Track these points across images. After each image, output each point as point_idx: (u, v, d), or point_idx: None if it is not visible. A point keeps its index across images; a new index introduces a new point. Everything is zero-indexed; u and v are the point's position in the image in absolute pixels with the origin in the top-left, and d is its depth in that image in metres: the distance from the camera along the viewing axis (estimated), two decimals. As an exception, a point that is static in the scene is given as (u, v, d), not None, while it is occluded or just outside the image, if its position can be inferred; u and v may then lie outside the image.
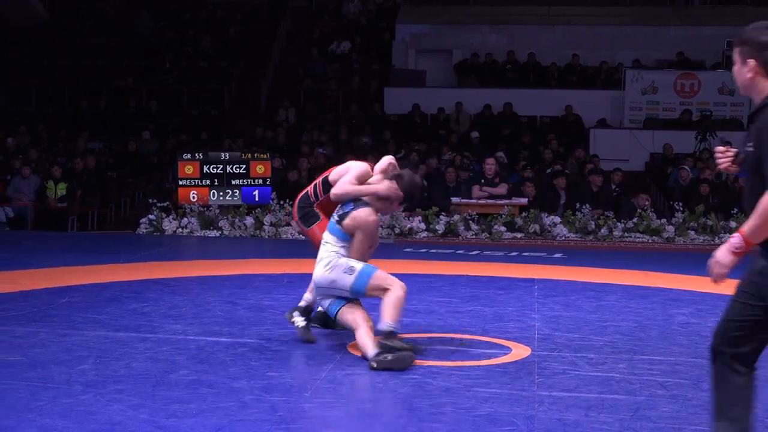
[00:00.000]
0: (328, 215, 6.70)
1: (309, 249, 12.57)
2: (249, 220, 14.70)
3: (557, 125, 21.57)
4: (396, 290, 6.15)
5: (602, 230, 14.70)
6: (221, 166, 15.16)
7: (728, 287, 4.09)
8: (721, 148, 4.26)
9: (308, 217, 6.95)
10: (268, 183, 15.36)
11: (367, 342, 6.02)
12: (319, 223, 6.88)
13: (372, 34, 25.49)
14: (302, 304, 6.92)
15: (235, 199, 15.23)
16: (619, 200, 16.02)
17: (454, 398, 5.27)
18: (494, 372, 5.95)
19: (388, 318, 6.07)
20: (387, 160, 6.73)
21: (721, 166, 4.25)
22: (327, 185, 6.81)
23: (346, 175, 6.53)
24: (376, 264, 6.39)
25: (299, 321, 6.74)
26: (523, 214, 14.99)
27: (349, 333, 6.93)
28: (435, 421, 4.81)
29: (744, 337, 3.99)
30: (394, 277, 6.27)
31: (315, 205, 6.96)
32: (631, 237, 14.69)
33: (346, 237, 6.41)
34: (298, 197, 7.13)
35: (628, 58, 23.35)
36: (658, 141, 20.30)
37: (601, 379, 5.77)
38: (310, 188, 7.05)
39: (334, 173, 6.83)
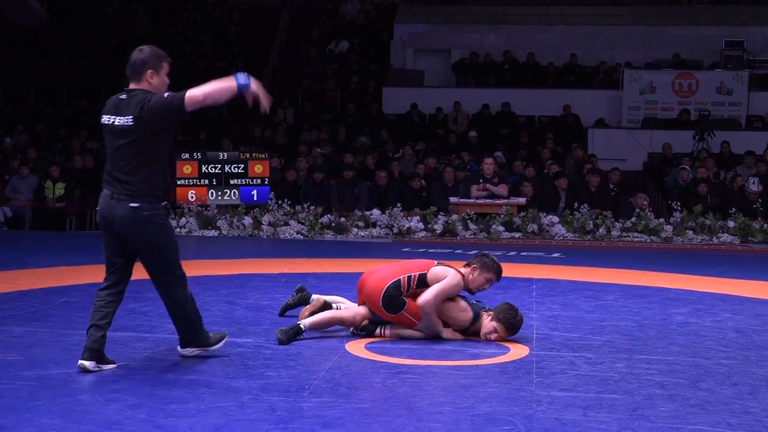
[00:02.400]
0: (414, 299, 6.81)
1: (307, 249, 12.59)
2: (247, 220, 14.70)
3: (555, 125, 21.58)
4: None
5: (600, 230, 14.71)
6: (219, 166, 15.15)
7: (726, 287, 4.09)
8: None
9: (395, 306, 6.82)
10: (266, 183, 15.37)
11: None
12: (408, 308, 6.81)
13: (370, 34, 25.50)
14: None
15: (234, 198, 15.23)
16: (618, 200, 16.04)
17: (453, 397, 5.27)
18: (493, 371, 5.95)
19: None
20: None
21: None
22: (423, 282, 6.80)
23: (438, 289, 6.73)
24: (376, 265, 6.38)
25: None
26: (522, 213, 14.99)
27: (346, 333, 6.94)
28: (433, 421, 4.82)
29: None
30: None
31: (404, 294, 6.86)
32: (629, 237, 14.70)
33: None
34: (385, 287, 6.81)
35: (627, 58, 23.37)
36: (656, 141, 20.31)
37: (599, 378, 5.77)
38: (402, 279, 6.81)
39: (432, 274, 6.81)
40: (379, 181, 16.39)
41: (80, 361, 5.66)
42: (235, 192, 15.23)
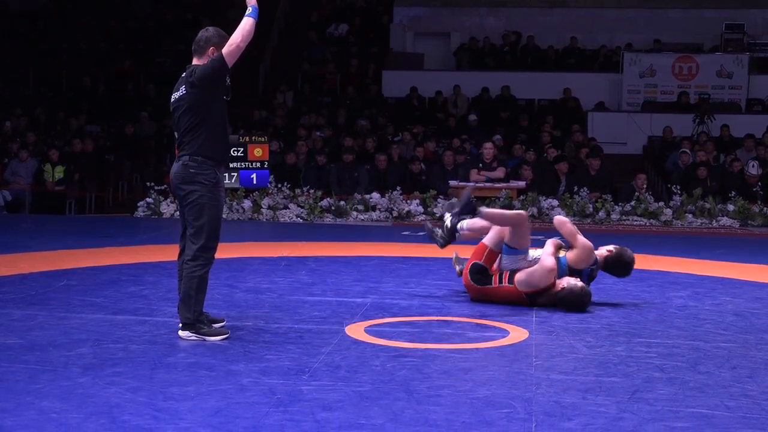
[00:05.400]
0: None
1: (307, 232, 12.60)
2: (247, 204, 14.69)
3: (555, 108, 21.56)
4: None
5: (600, 213, 14.71)
6: (219, 150, 15.11)
7: (726, 270, 4.09)
8: None
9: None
10: (265, 166, 15.33)
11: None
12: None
13: (370, 17, 25.45)
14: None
15: (233, 182, 15.17)
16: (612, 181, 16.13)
17: (452, 381, 5.28)
18: (492, 355, 5.97)
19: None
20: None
21: None
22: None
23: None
24: (375, 248, 6.40)
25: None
26: (521, 197, 14.99)
27: (346, 316, 6.96)
28: (433, 404, 4.82)
29: None
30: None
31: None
32: (629, 220, 14.70)
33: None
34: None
35: (627, 41, 23.31)
36: (656, 124, 20.29)
37: (598, 361, 5.78)
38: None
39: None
40: (379, 164, 16.38)
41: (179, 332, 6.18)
42: (234, 175, 15.19)
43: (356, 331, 6.50)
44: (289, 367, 5.49)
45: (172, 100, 6.30)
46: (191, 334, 6.13)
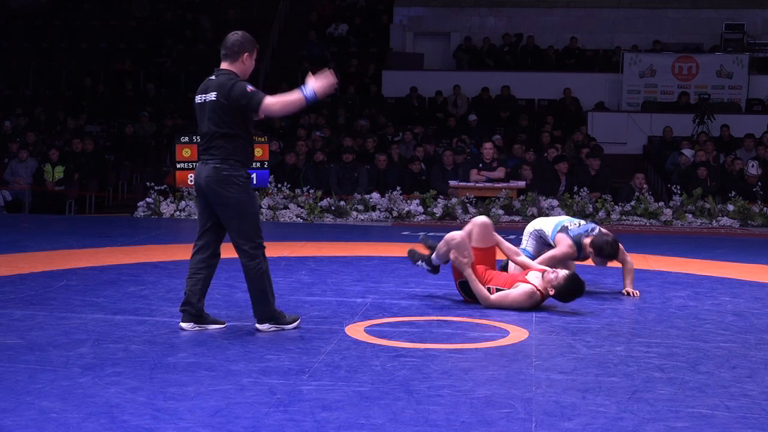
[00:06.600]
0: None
1: (307, 232, 12.59)
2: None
3: (555, 108, 21.57)
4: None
5: (600, 213, 14.71)
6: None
7: (726, 270, 4.09)
8: None
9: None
10: (265, 166, 15.34)
11: None
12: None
13: (370, 17, 25.44)
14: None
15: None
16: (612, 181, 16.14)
17: (452, 381, 5.28)
18: (492, 355, 5.96)
19: None
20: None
21: None
22: None
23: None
24: (375, 248, 6.40)
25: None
26: (521, 197, 14.99)
27: (346, 316, 6.95)
28: (433, 404, 4.82)
29: None
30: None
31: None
32: (629, 220, 14.71)
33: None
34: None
35: (627, 41, 23.32)
36: (656, 124, 20.31)
37: (598, 361, 5.78)
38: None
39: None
40: (379, 164, 16.38)
41: (180, 323, 6.39)
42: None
43: (356, 331, 6.50)
44: (289, 367, 5.48)
45: (201, 100, 6.36)
46: (271, 326, 6.38)
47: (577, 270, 8.04)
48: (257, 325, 6.41)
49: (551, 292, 7.37)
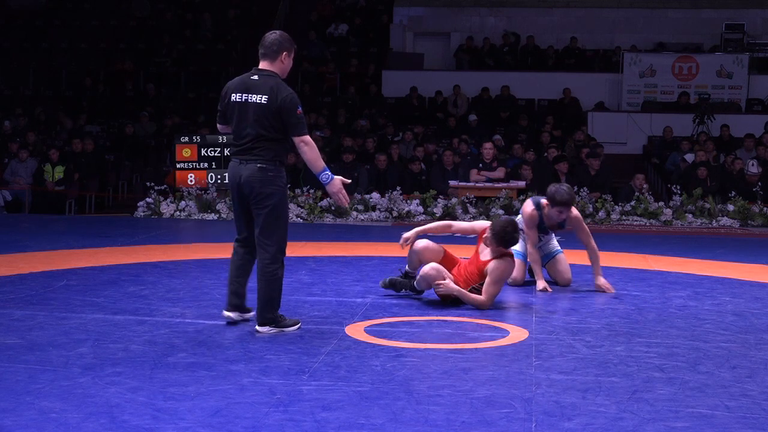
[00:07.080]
0: None
1: (307, 232, 12.60)
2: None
3: (555, 108, 21.57)
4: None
5: (600, 213, 14.71)
6: (219, 149, 15.11)
7: (726, 270, 4.08)
8: None
9: None
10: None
11: None
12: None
13: (370, 17, 25.44)
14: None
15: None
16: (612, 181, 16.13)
17: (452, 381, 5.28)
18: (492, 355, 5.97)
19: None
20: None
21: None
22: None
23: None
24: (375, 248, 6.39)
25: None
26: (521, 197, 14.98)
27: (346, 316, 6.95)
28: (433, 404, 4.83)
29: None
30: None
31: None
32: (628, 220, 14.70)
33: None
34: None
35: (627, 41, 23.32)
36: (656, 124, 20.30)
37: (598, 361, 5.78)
38: None
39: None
40: (379, 164, 16.38)
41: (224, 312, 6.57)
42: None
43: (356, 331, 6.50)
44: (289, 367, 5.49)
45: (241, 99, 6.36)
46: (271, 328, 6.39)
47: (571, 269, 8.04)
48: (257, 327, 6.40)
49: (491, 245, 7.48)
